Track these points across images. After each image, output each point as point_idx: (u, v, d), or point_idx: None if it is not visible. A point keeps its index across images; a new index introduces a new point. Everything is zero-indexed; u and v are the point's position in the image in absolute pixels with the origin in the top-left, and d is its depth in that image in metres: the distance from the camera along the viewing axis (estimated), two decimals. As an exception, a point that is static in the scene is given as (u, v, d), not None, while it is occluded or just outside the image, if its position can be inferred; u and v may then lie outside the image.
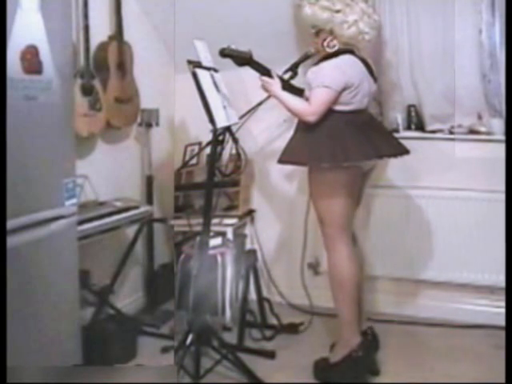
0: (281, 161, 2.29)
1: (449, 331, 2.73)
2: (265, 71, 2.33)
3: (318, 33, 2.29)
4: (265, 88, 2.33)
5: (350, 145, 2.14)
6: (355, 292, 2.26)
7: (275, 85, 2.29)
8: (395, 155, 2.29)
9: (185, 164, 3.12)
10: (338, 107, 2.19)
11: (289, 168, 3.13)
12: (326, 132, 2.17)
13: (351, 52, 2.25)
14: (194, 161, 3.19)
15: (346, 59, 2.22)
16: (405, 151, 2.30)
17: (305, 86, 2.29)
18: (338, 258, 2.27)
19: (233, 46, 2.28)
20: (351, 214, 2.30)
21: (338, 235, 2.27)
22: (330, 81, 2.13)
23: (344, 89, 2.15)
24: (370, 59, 2.35)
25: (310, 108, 2.16)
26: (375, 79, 2.36)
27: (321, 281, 2.85)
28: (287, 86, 2.40)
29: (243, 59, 2.31)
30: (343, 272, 2.25)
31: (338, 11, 2.20)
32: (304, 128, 2.23)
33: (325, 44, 2.26)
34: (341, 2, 2.20)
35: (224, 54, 2.27)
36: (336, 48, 2.24)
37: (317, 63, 2.26)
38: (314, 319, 2.87)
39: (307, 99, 2.21)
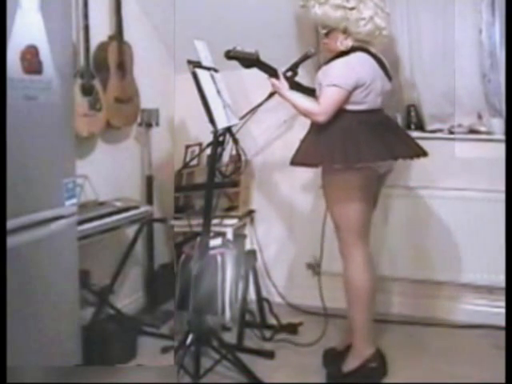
0: (293, 162, 2.25)
1: (447, 331, 2.73)
2: (272, 72, 2.29)
3: (328, 33, 2.21)
4: (273, 89, 2.31)
5: (362, 145, 2.08)
6: (369, 300, 2.22)
7: (282, 86, 2.26)
8: (411, 157, 2.23)
9: (185, 165, 3.12)
10: (351, 107, 2.14)
11: (289, 168, 3.14)
12: (338, 133, 2.12)
13: (364, 49, 2.19)
14: (194, 162, 3.19)
15: (357, 57, 2.16)
16: (422, 153, 2.24)
17: (315, 86, 2.25)
18: (352, 264, 2.23)
19: (238, 48, 2.22)
20: (367, 218, 2.24)
21: (353, 241, 2.21)
22: (340, 80, 2.08)
23: (355, 88, 2.10)
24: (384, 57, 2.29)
25: (320, 108, 2.11)
26: (390, 78, 2.30)
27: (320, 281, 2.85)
28: (297, 86, 2.36)
29: (250, 61, 2.26)
30: (358, 278, 2.21)
31: (352, 8, 2.11)
32: (317, 129, 2.19)
33: (338, 44, 2.19)
34: None
35: (229, 56, 2.21)
36: (349, 46, 2.18)
37: (327, 62, 2.21)
38: (312, 319, 2.86)
39: (318, 99, 2.17)
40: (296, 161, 2.25)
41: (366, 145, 2.09)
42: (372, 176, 2.18)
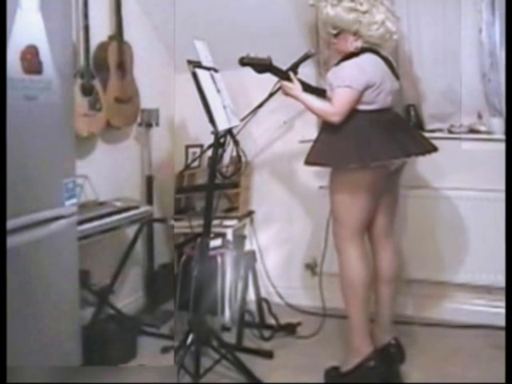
0: (307, 163, 2.25)
1: (446, 331, 2.73)
2: (284, 75, 2.31)
3: (338, 33, 2.21)
4: (285, 92, 2.31)
5: (376, 145, 2.10)
6: (366, 295, 2.22)
7: (296, 88, 2.27)
8: (423, 153, 2.24)
9: (187, 167, 3.13)
10: (362, 107, 2.15)
11: (288, 169, 3.15)
12: (351, 132, 2.14)
13: (371, 50, 2.21)
14: (195, 163, 3.20)
15: (366, 58, 2.18)
16: (433, 149, 2.26)
17: (325, 87, 2.25)
18: (347, 259, 2.24)
19: (252, 54, 2.25)
20: (368, 216, 2.25)
21: (350, 236, 2.23)
22: (351, 80, 2.09)
23: (366, 88, 2.12)
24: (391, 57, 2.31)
25: (333, 108, 2.12)
26: (397, 77, 2.32)
27: (318, 281, 2.85)
28: (308, 88, 2.38)
29: (263, 66, 2.29)
30: (352, 273, 2.22)
31: (364, 12, 2.13)
32: (329, 129, 2.19)
33: (348, 45, 2.20)
34: (367, 2, 2.14)
35: (243, 62, 2.24)
36: (359, 48, 2.19)
37: (337, 63, 2.23)
38: (311, 319, 2.87)
39: (329, 100, 2.18)
40: (310, 161, 2.25)
41: (380, 144, 2.11)
42: (382, 174, 2.19)
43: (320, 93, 2.39)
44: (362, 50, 2.19)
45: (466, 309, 2.82)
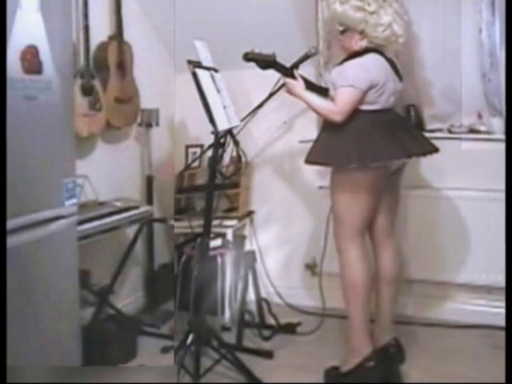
0: (307, 161, 2.25)
1: (446, 331, 2.73)
2: (288, 73, 2.31)
3: (344, 31, 2.22)
4: (288, 90, 2.31)
5: (378, 145, 2.11)
6: (366, 295, 2.23)
7: (299, 86, 2.27)
8: (424, 154, 2.25)
9: (187, 167, 3.13)
10: (364, 106, 2.16)
11: (288, 169, 3.15)
12: (353, 132, 2.14)
13: (376, 51, 2.21)
14: (195, 163, 3.20)
15: (370, 58, 2.18)
16: (434, 150, 2.26)
17: (329, 86, 2.26)
18: (348, 259, 2.24)
19: (256, 50, 2.24)
20: (368, 216, 2.26)
21: (350, 236, 2.23)
22: (355, 80, 2.10)
23: (369, 88, 2.12)
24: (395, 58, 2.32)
25: (336, 107, 2.12)
26: (400, 78, 2.32)
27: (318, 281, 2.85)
28: (311, 86, 2.38)
29: (267, 62, 2.29)
30: (353, 273, 2.22)
31: (372, 12, 2.14)
32: (330, 128, 2.20)
33: (353, 43, 2.20)
34: (375, 3, 2.14)
35: (248, 58, 2.24)
36: (364, 47, 2.20)
37: (341, 62, 2.23)
38: (311, 319, 2.87)
39: (332, 99, 2.19)
40: (310, 159, 2.26)
41: (381, 144, 2.11)
42: (383, 174, 2.19)
43: (322, 91, 2.39)
44: (367, 50, 2.20)
45: (466, 309, 2.82)
